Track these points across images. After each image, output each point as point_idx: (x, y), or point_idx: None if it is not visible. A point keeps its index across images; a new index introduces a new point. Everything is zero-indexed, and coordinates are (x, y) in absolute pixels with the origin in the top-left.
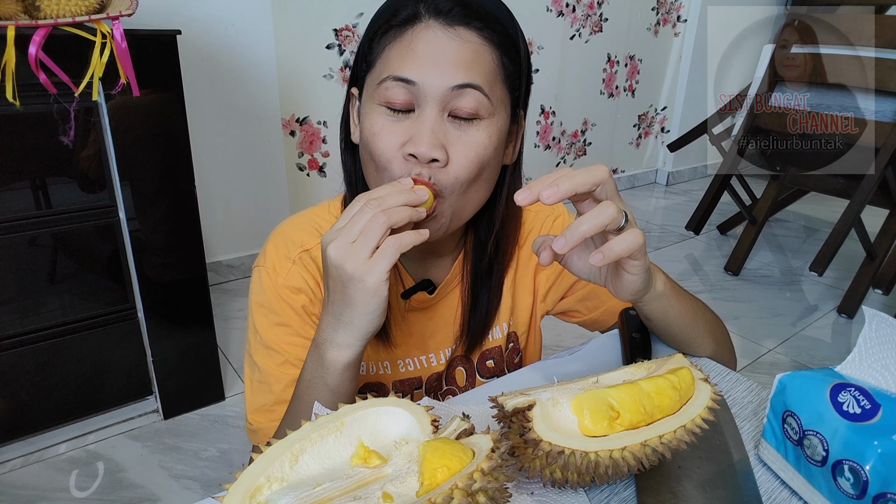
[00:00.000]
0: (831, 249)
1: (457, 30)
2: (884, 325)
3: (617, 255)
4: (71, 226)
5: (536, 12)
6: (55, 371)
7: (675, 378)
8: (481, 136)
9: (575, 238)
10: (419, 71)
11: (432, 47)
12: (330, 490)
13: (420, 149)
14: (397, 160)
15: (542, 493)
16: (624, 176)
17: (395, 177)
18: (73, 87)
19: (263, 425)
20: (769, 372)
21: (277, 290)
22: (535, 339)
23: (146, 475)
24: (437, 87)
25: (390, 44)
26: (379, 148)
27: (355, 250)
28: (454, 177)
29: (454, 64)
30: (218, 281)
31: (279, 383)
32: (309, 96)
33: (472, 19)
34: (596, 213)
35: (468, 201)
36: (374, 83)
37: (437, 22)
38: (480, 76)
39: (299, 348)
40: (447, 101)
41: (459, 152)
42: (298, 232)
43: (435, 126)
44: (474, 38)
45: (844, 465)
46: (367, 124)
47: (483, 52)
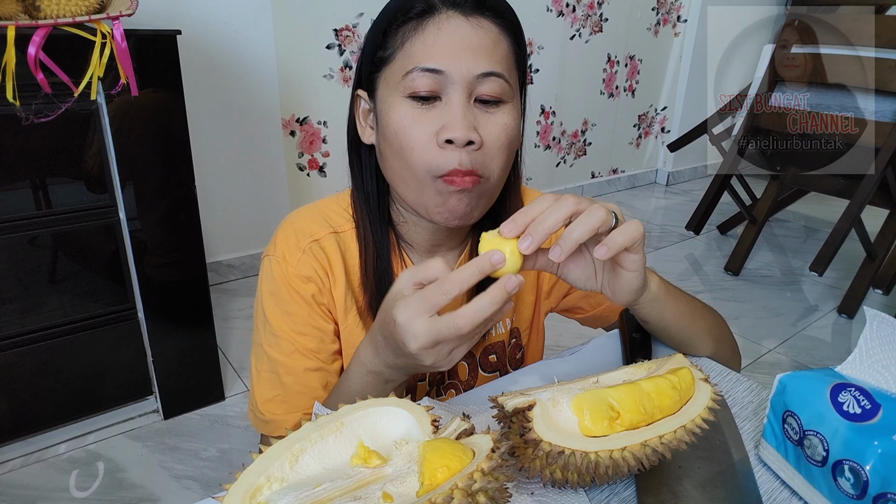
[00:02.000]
0: (831, 249)
1: (476, 19)
2: (885, 326)
3: (620, 246)
4: (71, 226)
5: (536, 12)
6: (55, 371)
7: (676, 378)
8: (507, 118)
9: (570, 246)
10: (446, 60)
11: (457, 37)
12: (330, 490)
13: (456, 133)
14: (432, 149)
15: (542, 493)
16: (624, 176)
17: (432, 167)
18: (73, 88)
19: (278, 416)
20: (769, 372)
21: (287, 279)
22: (538, 336)
23: (146, 475)
24: (464, 75)
25: (411, 36)
26: (411, 139)
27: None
28: (490, 157)
29: (477, 52)
30: (218, 281)
31: (290, 374)
32: (309, 96)
33: (486, 8)
34: (586, 218)
35: (499, 184)
36: (398, 76)
37: (456, 12)
38: (501, 63)
39: (308, 337)
40: (473, 87)
41: (492, 134)
42: (308, 222)
43: (466, 110)
44: (492, 26)
45: (845, 465)
46: (394, 117)
47: (500, 40)
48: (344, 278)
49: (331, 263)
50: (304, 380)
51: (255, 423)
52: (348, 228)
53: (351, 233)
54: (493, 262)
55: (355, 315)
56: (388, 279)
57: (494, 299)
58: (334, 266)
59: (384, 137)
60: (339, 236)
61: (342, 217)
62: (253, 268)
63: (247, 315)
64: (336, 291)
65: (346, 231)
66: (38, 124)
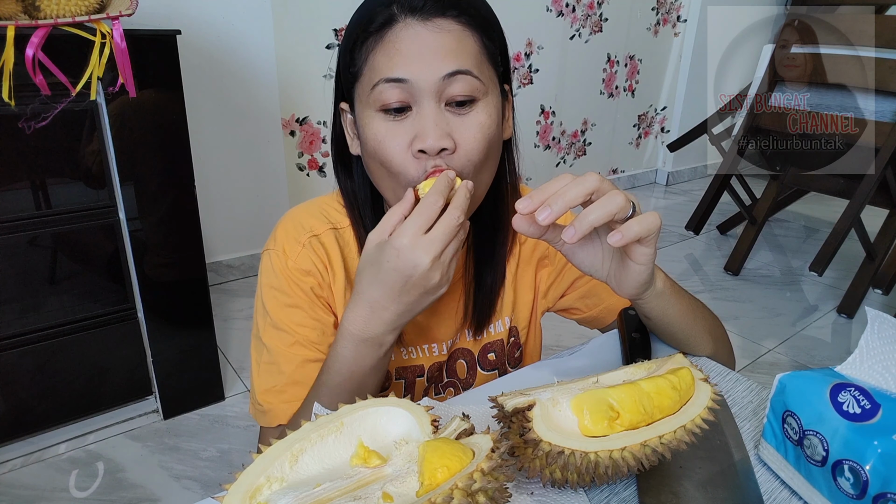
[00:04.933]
0: (831, 249)
1: (435, 22)
2: (886, 326)
3: (636, 235)
4: (71, 226)
5: (536, 12)
6: (55, 371)
7: (676, 378)
8: (481, 116)
9: (584, 227)
10: (408, 68)
11: (416, 43)
12: (330, 490)
13: (428, 142)
14: (409, 160)
15: (542, 494)
16: (624, 176)
17: (411, 178)
18: (71, 88)
19: (275, 406)
20: (769, 372)
21: (288, 272)
22: (536, 335)
23: (146, 475)
24: (429, 79)
25: (373, 50)
26: (388, 153)
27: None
28: (466, 159)
29: (440, 55)
30: (218, 281)
31: (290, 364)
32: (309, 96)
33: (447, 8)
34: (605, 202)
35: (481, 180)
36: (366, 91)
37: (415, 19)
38: (467, 60)
39: (308, 329)
40: (441, 90)
41: (466, 136)
42: (308, 217)
43: (436, 118)
44: (453, 26)
45: (844, 465)
46: (370, 133)
47: (464, 38)
48: (343, 274)
49: (330, 258)
50: (304, 370)
51: (255, 415)
52: (347, 225)
53: (350, 229)
54: (450, 178)
55: None
56: None
57: (468, 185)
58: (333, 261)
59: (366, 152)
60: (339, 232)
61: (341, 213)
62: (253, 268)
63: (246, 315)
64: (335, 286)
65: (346, 227)
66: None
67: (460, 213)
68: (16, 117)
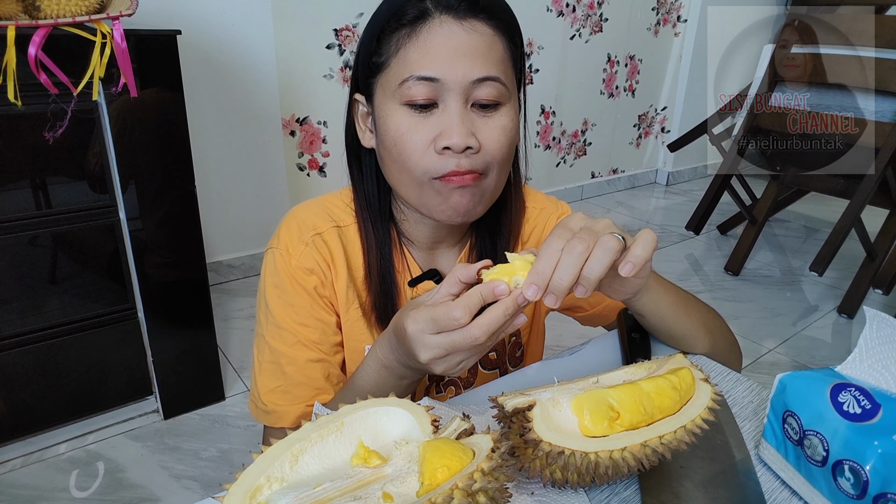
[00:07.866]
0: (831, 249)
1: (470, 22)
2: (885, 326)
3: (644, 260)
4: (71, 226)
5: (536, 12)
6: (55, 371)
7: (676, 378)
8: (505, 119)
9: (592, 285)
10: (441, 67)
11: (451, 42)
12: (330, 490)
13: (454, 140)
14: (428, 156)
15: (542, 494)
16: (624, 176)
17: (430, 172)
18: (72, 88)
19: (280, 407)
20: (769, 372)
21: (290, 270)
22: (538, 335)
23: (146, 475)
24: (460, 81)
25: (405, 43)
26: (408, 146)
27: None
28: (490, 159)
29: (472, 57)
30: (218, 281)
31: (292, 364)
32: (309, 96)
33: (479, 11)
34: (601, 256)
35: (500, 180)
36: (394, 84)
37: (449, 16)
38: (497, 66)
39: (311, 329)
40: (469, 92)
41: (490, 137)
42: (311, 216)
43: (463, 117)
44: (486, 29)
45: (845, 465)
46: (392, 125)
47: (495, 42)
48: (346, 272)
49: (333, 257)
50: (307, 371)
51: (256, 414)
52: (350, 223)
53: (353, 228)
54: (496, 292)
55: (357, 309)
56: (391, 279)
57: (507, 310)
58: (336, 260)
59: (383, 144)
60: (342, 230)
61: (345, 212)
62: (253, 268)
63: (247, 315)
64: (338, 285)
65: (349, 226)
66: (38, 123)
67: (482, 333)
68: (17, 117)
